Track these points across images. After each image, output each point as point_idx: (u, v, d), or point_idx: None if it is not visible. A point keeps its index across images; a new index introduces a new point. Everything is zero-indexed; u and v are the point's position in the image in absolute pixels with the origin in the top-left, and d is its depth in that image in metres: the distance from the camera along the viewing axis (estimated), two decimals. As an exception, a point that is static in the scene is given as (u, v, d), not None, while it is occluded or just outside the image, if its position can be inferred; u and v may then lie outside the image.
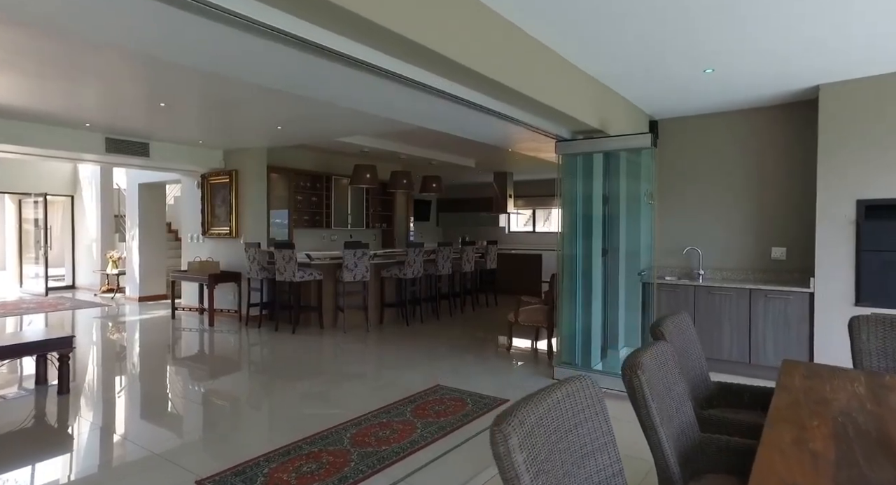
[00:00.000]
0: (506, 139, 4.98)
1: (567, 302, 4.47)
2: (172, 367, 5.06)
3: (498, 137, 4.84)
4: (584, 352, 4.45)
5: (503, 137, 4.87)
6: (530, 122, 3.59)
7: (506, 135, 4.74)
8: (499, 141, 5.07)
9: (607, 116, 4.19)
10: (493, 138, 4.87)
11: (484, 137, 4.81)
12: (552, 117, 3.67)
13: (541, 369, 4.63)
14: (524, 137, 4.80)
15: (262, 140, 6.52)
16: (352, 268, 6.19)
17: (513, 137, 4.86)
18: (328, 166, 8.63)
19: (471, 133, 4.62)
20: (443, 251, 7.19)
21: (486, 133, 4.59)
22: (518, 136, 4.70)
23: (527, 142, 5.09)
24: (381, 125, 5.68)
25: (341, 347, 5.63)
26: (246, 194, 6.96)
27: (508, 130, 4.30)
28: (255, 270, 6.49)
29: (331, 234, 8.79)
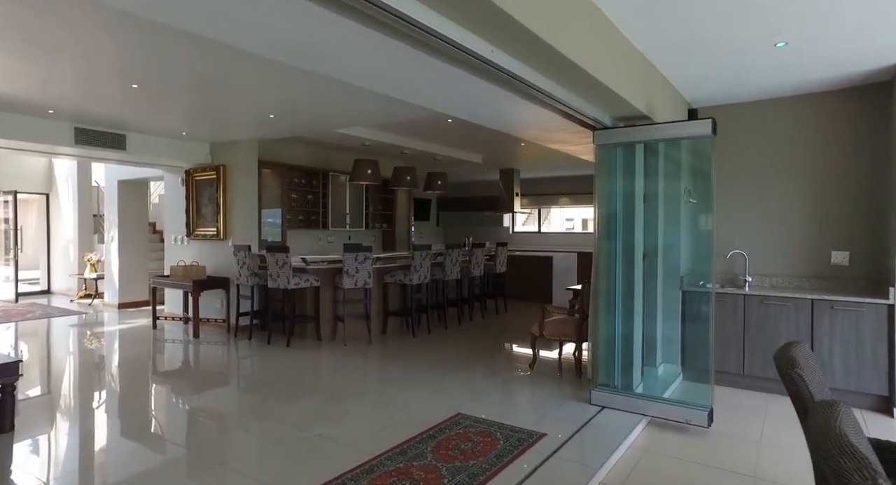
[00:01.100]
0: (533, 129, 4.39)
1: (604, 313, 3.89)
2: (147, 391, 4.42)
3: (525, 126, 4.24)
4: (623, 371, 3.87)
5: (531, 127, 4.28)
6: (571, 103, 3.00)
7: (535, 124, 4.16)
8: (525, 131, 4.48)
9: (653, 101, 3.62)
10: (520, 127, 4.28)
11: (511, 126, 4.23)
12: (597, 98, 3.09)
13: (574, 392, 4.05)
14: (554, 126, 4.21)
15: (252, 131, 5.89)
16: (353, 273, 5.58)
17: (542, 127, 4.27)
18: (325, 162, 8.00)
19: (498, 121, 4.04)
20: (451, 254, 6.60)
21: (514, 120, 4.01)
22: (549, 124, 4.11)
23: (555, 132, 4.50)
24: (385, 115, 5.08)
25: (342, 362, 5.02)
26: (235, 192, 6.33)
27: (541, 116, 3.71)
28: (244, 276, 5.87)
29: (328, 235, 8.17)
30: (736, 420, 3.52)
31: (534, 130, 4.33)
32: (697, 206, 4.48)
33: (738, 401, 3.91)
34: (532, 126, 4.19)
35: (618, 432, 3.21)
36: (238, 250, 5.90)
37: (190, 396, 4.20)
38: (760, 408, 3.78)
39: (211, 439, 3.32)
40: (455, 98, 3.34)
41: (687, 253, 4.57)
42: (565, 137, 4.64)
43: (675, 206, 4.45)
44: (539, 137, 4.67)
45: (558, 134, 4.51)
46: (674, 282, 4.52)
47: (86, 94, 4.20)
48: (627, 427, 3.29)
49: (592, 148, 5.33)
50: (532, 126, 4.19)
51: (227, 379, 4.71)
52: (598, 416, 3.51)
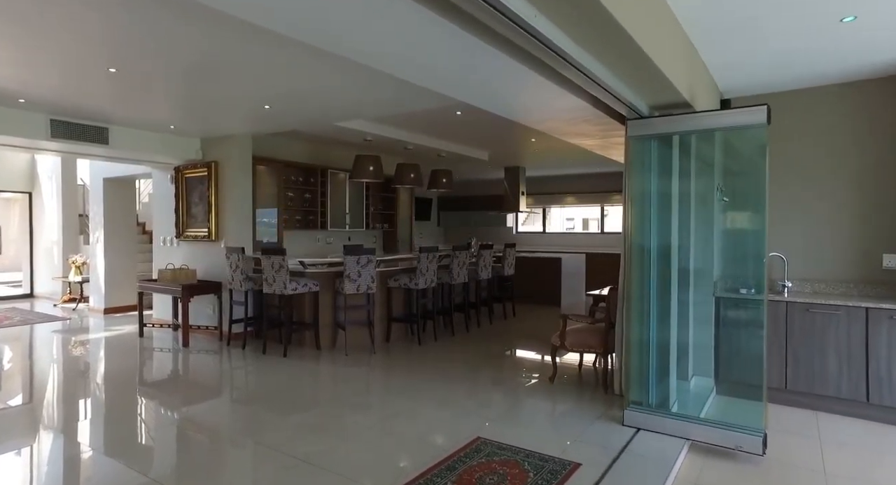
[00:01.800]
0: (555, 120, 3.99)
1: (637, 322, 3.51)
2: (130, 406, 4.00)
3: (548, 117, 3.85)
4: (659, 388, 3.49)
5: (554, 117, 3.89)
6: (610, 85, 2.62)
7: (560, 113, 3.76)
8: (546, 123, 4.08)
9: (695, 88, 3.24)
10: (543, 117, 3.89)
11: (533, 117, 3.84)
12: (640, 81, 2.71)
13: (602, 409, 3.66)
14: (578, 117, 3.82)
15: (246, 125, 5.48)
16: (355, 278, 5.18)
17: (566, 117, 3.88)
18: (323, 158, 7.59)
19: (521, 110, 3.65)
20: (458, 256, 6.21)
21: (538, 109, 3.61)
22: (575, 114, 3.72)
23: (578, 124, 4.12)
24: (391, 106, 4.67)
25: (344, 375, 4.62)
26: (227, 190, 5.92)
27: (568, 104, 3.33)
28: (237, 280, 5.45)
29: (326, 236, 7.76)
30: (790, 444, 3.15)
31: (556, 121, 3.94)
32: (733, 204, 4.11)
33: (783, 420, 3.53)
34: (555, 116, 3.80)
35: (660, 462, 2.83)
36: (231, 253, 5.49)
37: (176, 411, 3.79)
38: (811, 428, 3.41)
39: (197, 463, 2.92)
40: (479, 83, 2.95)
41: (720, 255, 4.19)
42: (587, 129, 4.25)
43: (707, 204, 4.08)
44: (558, 129, 4.28)
45: (581, 126, 4.12)
46: (706, 287, 4.15)
47: (60, 81, 3.78)
48: (670, 455, 2.91)
49: (612, 143, 4.96)
50: (555, 116, 3.80)
51: (217, 393, 4.30)
52: (635, 440, 3.12)
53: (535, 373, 4.60)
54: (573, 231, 11.80)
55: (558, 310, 8.14)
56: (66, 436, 3.32)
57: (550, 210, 11.98)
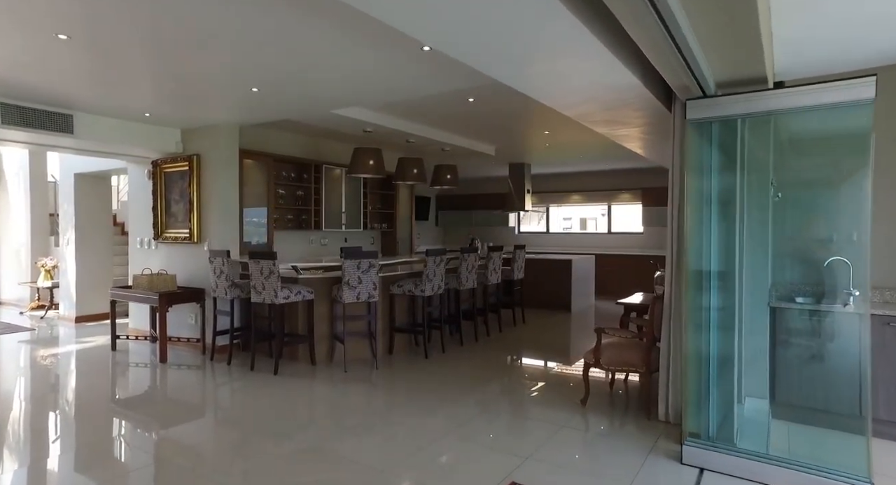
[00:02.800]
0: (591, 103, 3.43)
1: (693, 337, 2.98)
2: (94, 433, 3.38)
3: (586, 98, 3.28)
4: (721, 417, 2.96)
5: (593, 99, 3.33)
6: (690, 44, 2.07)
7: (599, 94, 3.21)
8: (581, 107, 3.52)
9: (770, 60, 2.71)
10: (580, 100, 3.32)
11: (569, 99, 3.26)
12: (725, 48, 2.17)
13: (650, 440, 3.12)
14: (622, 100, 3.28)
15: (231, 113, 4.88)
16: (354, 285, 4.60)
17: (606, 99, 3.32)
18: (317, 152, 6.99)
19: (558, 90, 3.07)
20: (467, 259, 5.65)
21: (580, 89, 3.04)
22: (622, 95, 3.17)
23: (616, 110, 3.57)
24: (396, 89, 4.10)
25: (343, 397, 4.04)
26: (211, 187, 5.31)
27: (617, 80, 2.78)
28: (222, 287, 4.85)
29: (321, 236, 7.16)
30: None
31: (594, 103, 3.40)
32: (790, 201, 3.60)
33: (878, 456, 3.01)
34: (596, 97, 3.25)
35: (744, 517, 2.29)
36: (214, 257, 4.88)
37: (151, 437, 3.19)
38: (902, 465, 2.89)
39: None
40: (522, 53, 2.39)
41: (775, 259, 3.68)
42: (625, 115, 3.71)
43: (760, 201, 3.56)
44: (591, 115, 3.73)
45: (620, 111, 3.58)
46: (759, 295, 3.63)
47: (3, 53, 3.16)
48: (751, 506, 2.38)
49: (641, 132, 4.42)
50: (596, 97, 3.25)
51: (198, 416, 3.70)
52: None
53: (563, 392, 4.05)
54: (579, 231, 11.29)
55: (569, 316, 7.62)
56: (27, 463, 2.71)
57: (550, 210, 11.46)
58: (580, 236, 10.93)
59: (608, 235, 10.53)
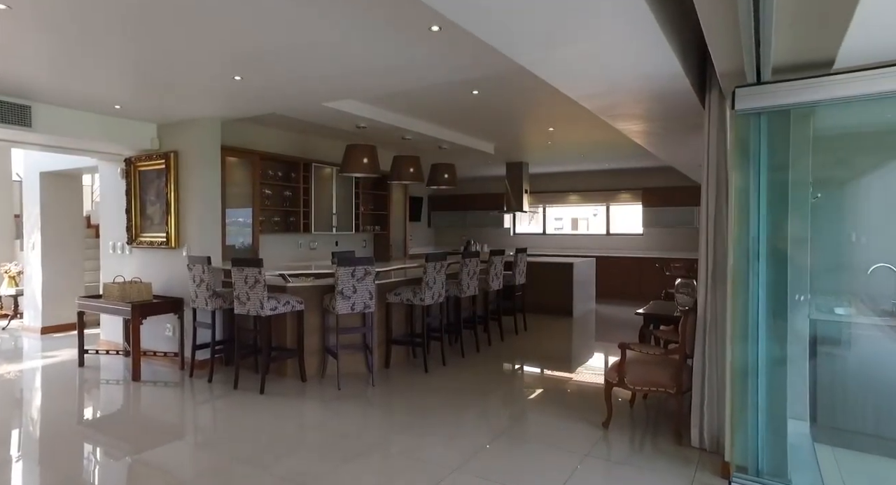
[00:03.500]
0: (619, 93, 3.08)
1: (739, 353, 2.64)
2: (54, 463, 2.93)
3: (615, 87, 2.92)
4: (772, 446, 2.63)
5: (625, 88, 2.97)
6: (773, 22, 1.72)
7: (634, 83, 2.85)
8: (607, 97, 3.17)
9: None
10: (608, 90, 2.96)
11: (601, 86, 2.89)
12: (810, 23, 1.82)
13: (689, 473, 2.77)
14: (653, 90, 2.93)
15: (212, 106, 4.44)
16: (349, 294, 4.20)
17: (637, 90, 2.97)
18: (306, 149, 6.57)
19: (589, 76, 2.70)
20: (468, 265, 5.27)
21: (612, 77, 2.68)
22: (649, 85, 2.82)
23: (646, 103, 3.22)
24: (396, 78, 3.71)
25: (337, 418, 3.63)
26: (191, 187, 4.86)
27: (656, 64, 2.43)
28: (202, 297, 4.41)
29: (310, 240, 6.74)
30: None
31: (624, 93, 3.05)
32: (829, 201, 3.29)
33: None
34: (627, 86, 2.90)
35: None
36: (194, 263, 4.44)
37: (119, 465, 2.77)
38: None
39: None
40: (557, 26, 2.01)
41: (815, 267, 3.36)
42: (650, 108, 3.37)
43: (800, 201, 3.24)
44: (614, 108, 3.39)
45: (647, 104, 3.24)
46: (798, 306, 3.31)
47: (-57, 31, 2.70)
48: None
49: (661, 127, 4.09)
50: (627, 86, 2.90)
51: (175, 441, 3.26)
52: (760, 532, 2.24)
53: (580, 412, 3.70)
54: (577, 233, 10.98)
55: (571, 322, 7.29)
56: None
57: (546, 210, 11.14)
58: (578, 238, 10.63)
59: (607, 236, 10.24)
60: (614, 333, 6.59)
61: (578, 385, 4.43)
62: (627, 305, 8.67)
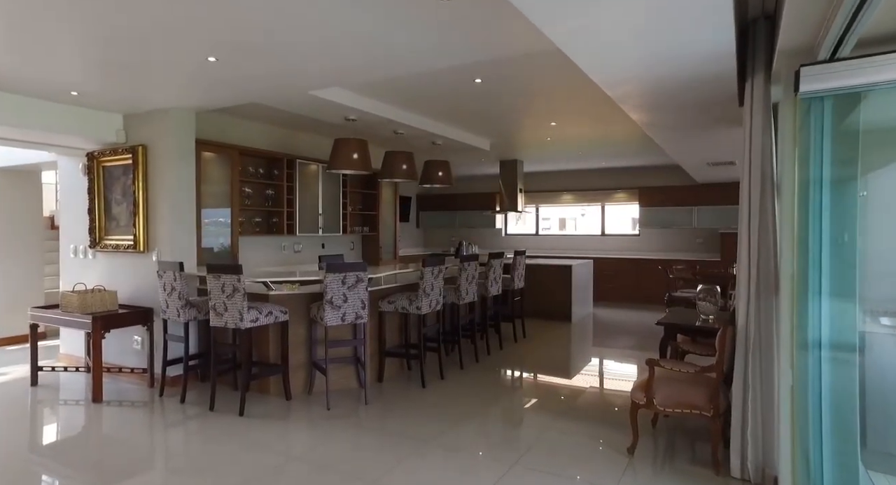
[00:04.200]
0: (649, 80, 2.72)
1: (803, 373, 2.29)
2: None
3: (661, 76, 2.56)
4: (840, 473, 2.28)
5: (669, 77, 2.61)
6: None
7: (679, 72, 2.50)
8: (633, 84, 2.81)
9: None
10: (655, 78, 2.59)
11: (626, 74, 2.52)
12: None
13: (733, 512, 2.43)
14: (694, 78, 2.58)
15: (185, 94, 3.97)
16: (339, 303, 3.78)
17: (679, 78, 2.62)
18: (290, 145, 6.12)
19: (630, 63, 2.33)
20: (467, 269, 4.89)
21: (663, 62, 2.31)
22: (690, 73, 2.47)
23: (680, 88, 2.87)
24: (389, 65, 3.31)
25: (326, 444, 3.20)
26: (161, 184, 4.38)
27: (706, 45, 2.07)
28: (174, 308, 3.95)
29: (294, 242, 6.28)
30: None
31: (666, 81, 2.69)
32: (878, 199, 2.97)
33: None
34: (671, 75, 2.54)
35: None
36: (164, 270, 3.97)
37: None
38: None
39: None
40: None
41: (864, 272, 3.05)
42: (679, 97, 3.03)
43: (847, 201, 2.93)
44: (641, 95, 3.03)
45: (678, 91, 2.88)
46: (846, 317, 3.00)
47: None
48: None
49: (683, 119, 3.77)
50: (671, 75, 2.54)
51: (139, 475, 2.81)
52: None
53: (600, 434, 3.33)
54: (571, 233, 10.67)
55: (570, 327, 6.96)
56: None
57: (524, 212, 10.79)
58: (572, 239, 10.32)
59: (602, 237, 9.95)
60: (618, 340, 6.27)
61: (591, 400, 4.07)
62: (626, 309, 8.38)
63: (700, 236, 8.97)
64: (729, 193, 8.42)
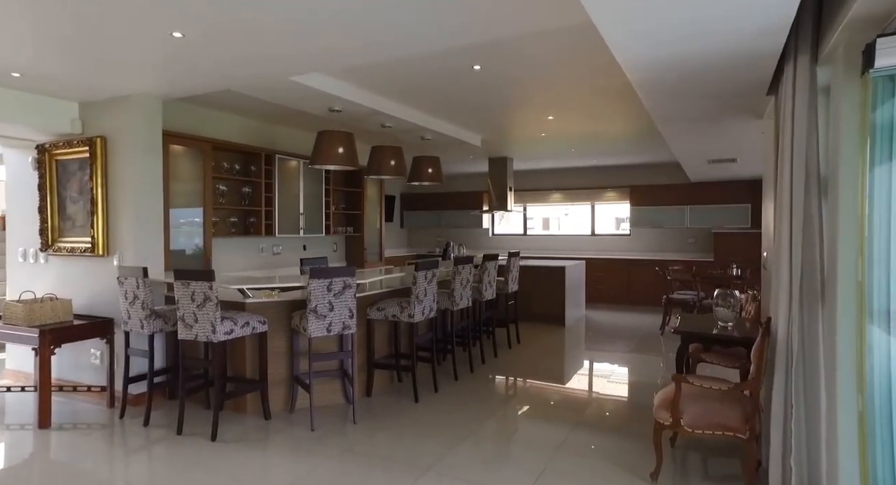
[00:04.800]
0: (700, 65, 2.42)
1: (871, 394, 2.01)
2: None
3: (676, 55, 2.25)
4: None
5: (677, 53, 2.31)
6: None
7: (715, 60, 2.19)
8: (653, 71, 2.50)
9: None
10: (673, 58, 2.28)
11: (657, 61, 2.20)
12: None
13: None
14: (740, 50, 2.29)
15: (150, 78, 3.54)
16: (324, 312, 3.40)
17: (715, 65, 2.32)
18: (270, 138, 5.70)
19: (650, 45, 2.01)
20: (461, 272, 4.55)
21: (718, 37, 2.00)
22: (740, 41, 2.17)
23: (711, 73, 2.58)
24: (380, 46, 2.95)
25: (311, 476, 2.82)
26: (123, 180, 3.93)
27: (764, 16, 1.77)
28: (137, 318, 3.51)
29: (274, 244, 5.85)
30: None
31: (681, 61, 2.39)
32: None
33: None
34: (704, 46, 2.24)
35: None
36: (126, 276, 3.53)
37: None
38: None
39: None
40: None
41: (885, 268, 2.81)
42: (714, 82, 2.74)
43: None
44: (666, 80, 2.73)
45: (714, 77, 2.59)
46: (877, 319, 2.75)
47: None
48: None
49: (702, 110, 3.49)
50: (704, 46, 2.24)
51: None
52: None
53: (616, 454, 3.03)
54: (561, 233, 10.41)
55: (564, 331, 6.67)
56: None
57: (508, 212, 10.50)
58: (560, 239, 10.07)
59: (592, 237, 9.73)
60: (615, 344, 6.01)
61: (598, 413, 3.77)
62: (619, 311, 8.15)
63: (692, 236, 8.80)
64: (722, 191, 8.27)
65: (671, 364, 5.14)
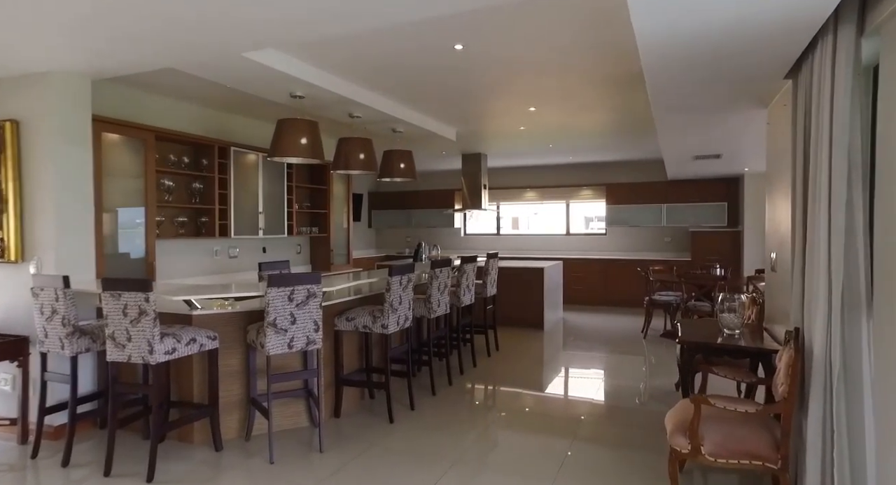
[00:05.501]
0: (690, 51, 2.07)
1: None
2: None
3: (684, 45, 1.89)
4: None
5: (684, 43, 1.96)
6: None
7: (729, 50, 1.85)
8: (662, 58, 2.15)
9: None
10: (678, 42, 1.91)
11: (658, 39, 1.84)
12: None
13: None
14: (728, 49, 1.95)
15: (71, 50, 2.96)
16: (285, 325, 2.92)
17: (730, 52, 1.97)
18: (224, 129, 5.14)
19: None
20: (438, 276, 4.14)
21: None
22: (777, 20, 1.83)
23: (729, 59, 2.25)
24: (349, 15, 2.50)
25: (273, 527, 2.36)
26: (42, 173, 3.32)
27: None
28: (56, 337, 2.93)
29: (229, 246, 5.28)
30: None
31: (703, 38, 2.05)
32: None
33: None
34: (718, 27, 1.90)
35: None
36: (41, 287, 2.95)
37: None
38: None
39: None
40: None
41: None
42: (725, 61, 2.42)
43: None
44: (682, 61, 2.39)
45: (727, 62, 2.27)
46: None
47: None
48: None
49: (709, 100, 3.20)
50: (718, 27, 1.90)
51: None
52: None
53: (618, 481, 2.68)
54: (536, 233, 10.13)
55: (542, 336, 6.35)
56: None
57: (476, 211, 10.17)
58: (535, 239, 9.79)
59: (567, 236, 9.49)
60: (598, 348, 5.73)
61: (595, 430, 3.43)
62: (597, 313, 7.92)
63: (668, 235, 8.67)
64: (699, 190, 8.15)
65: (655, 368, 4.89)
